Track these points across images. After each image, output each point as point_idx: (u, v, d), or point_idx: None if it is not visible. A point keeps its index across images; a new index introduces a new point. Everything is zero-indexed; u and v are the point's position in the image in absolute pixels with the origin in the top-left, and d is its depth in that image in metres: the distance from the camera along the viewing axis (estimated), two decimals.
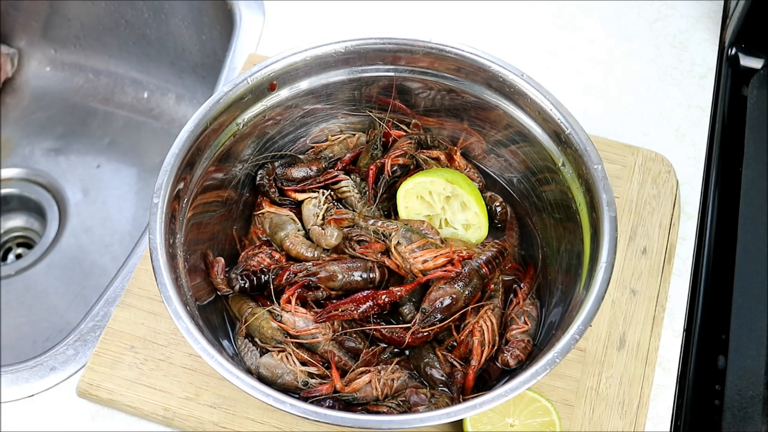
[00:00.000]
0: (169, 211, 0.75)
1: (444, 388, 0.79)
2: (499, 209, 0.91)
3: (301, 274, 0.82)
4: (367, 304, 0.80)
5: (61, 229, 1.23)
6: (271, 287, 0.82)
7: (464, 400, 0.74)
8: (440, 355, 0.81)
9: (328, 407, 0.75)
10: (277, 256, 0.86)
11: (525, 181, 0.91)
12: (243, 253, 0.88)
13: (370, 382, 0.78)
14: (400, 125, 0.95)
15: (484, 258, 0.83)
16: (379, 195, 0.90)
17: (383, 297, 0.80)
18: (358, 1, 1.16)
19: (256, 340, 0.81)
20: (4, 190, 1.26)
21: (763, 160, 0.97)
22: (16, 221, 1.27)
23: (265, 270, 0.84)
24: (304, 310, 0.81)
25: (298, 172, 0.91)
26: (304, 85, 0.88)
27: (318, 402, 0.76)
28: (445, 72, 0.88)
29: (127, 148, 1.30)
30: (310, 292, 0.82)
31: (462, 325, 0.82)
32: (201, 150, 0.81)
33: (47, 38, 1.33)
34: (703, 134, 1.04)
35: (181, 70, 1.29)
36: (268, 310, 0.81)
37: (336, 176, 0.92)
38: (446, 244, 0.84)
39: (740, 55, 1.09)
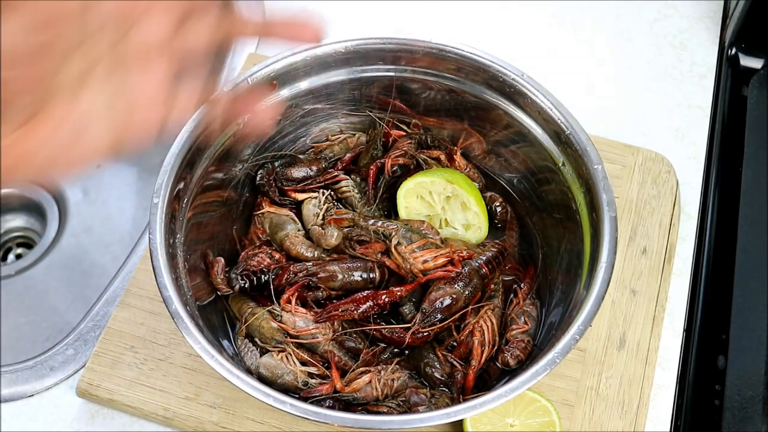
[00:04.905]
0: (169, 211, 0.75)
1: (444, 388, 0.79)
2: (499, 209, 0.91)
3: (301, 274, 0.82)
4: (368, 304, 0.80)
5: (61, 229, 1.22)
6: (271, 287, 0.82)
7: (464, 400, 0.74)
8: (440, 355, 0.81)
9: (328, 407, 0.75)
10: (277, 256, 0.86)
11: (525, 181, 0.91)
12: (243, 253, 0.88)
13: (370, 382, 0.77)
14: (400, 125, 0.95)
15: (484, 258, 0.83)
16: (379, 195, 0.90)
17: (383, 297, 0.80)
18: (358, 1, 1.16)
19: (256, 340, 0.81)
20: (4, 190, 1.26)
21: (763, 160, 0.97)
22: (16, 221, 1.26)
23: (265, 270, 0.84)
24: (304, 310, 0.81)
25: (298, 172, 0.91)
26: (304, 85, 0.88)
27: (318, 402, 0.76)
28: (445, 72, 0.87)
29: None
30: (310, 292, 0.82)
31: (462, 325, 0.82)
32: (201, 150, 0.81)
33: None
34: (703, 134, 1.04)
35: None
36: (268, 310, 0.81)
37: (336, 176, 0.92)
38: (446, 244, 0.84)
39: (740, 55, 1.09)
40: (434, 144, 0.94)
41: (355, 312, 0.80)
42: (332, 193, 0.91)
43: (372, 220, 0.86)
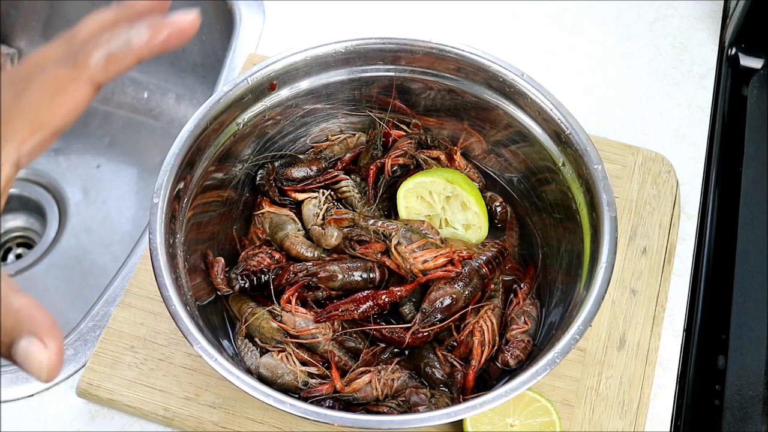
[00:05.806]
0: (169, 211, 0.75)
1: (444, 388, 0.79)
2: (499, 209, 0.91)
3: (301, 274, 0.82)
4: (368, 304, 0.80)
5: (61, 229, 1.22)
6: (271, 287, 0.82)
7: (464, 400, 0.74)
8: (440, 355, 0.81)
9: (328, 407, 0.75)
10: (277, 256, 0.86)
11: (525, 181, 0.91)
12: (243, 253, 0.88)
13: (370, 382, 0.78)
14: (400, 125, 0.95)
15: (484, 258, 0.83)
16: (379, 195, 0.90)
17: (383, 297, 0.80)
18: (358, 1, 1.16)
19: (256, 340, 0.81)
20: None
21: (763, 160, 0.97)
22: (16, 221, 1.27)
23: (265, 270, 0.84)
24: (304, 310, 0.81)
25: (298, 172, 0.91)
26: (304, 85, 0.88)
27: (318, 402, 0.76)
28: (445, 72, 0.88)
29: (127, 148, 1.30)
30: (310, 292, 0.82)
31: (462, 325, 0.82)
32: (201, 150, 0.81)
33: (47, 38, 1.33)
34: (703, 134, 1.04)
35: (181, 70, 1.29)
36: (268, 310, 0.81)
37: (336, 176, 0.92)
38: (446, 244, 0.84)
39: (740, 55, 1.09)
40: (434, 144, 0.94)
41: (355, 312, 0.80)
42: (332, 193, 0.91)
43: (372, 220, 0.86)
